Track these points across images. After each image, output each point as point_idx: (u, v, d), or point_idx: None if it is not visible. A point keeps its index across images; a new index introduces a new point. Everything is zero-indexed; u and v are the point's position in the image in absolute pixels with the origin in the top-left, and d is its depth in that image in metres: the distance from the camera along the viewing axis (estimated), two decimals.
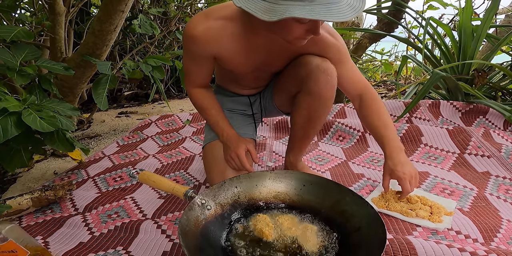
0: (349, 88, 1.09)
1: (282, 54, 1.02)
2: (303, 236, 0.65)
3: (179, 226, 0.60)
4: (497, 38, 2.25)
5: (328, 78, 0.98)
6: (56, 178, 1.45)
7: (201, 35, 0.93)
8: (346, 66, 1.06)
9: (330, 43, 1.00)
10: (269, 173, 0.81)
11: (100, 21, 1.66)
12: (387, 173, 1.01)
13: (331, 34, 1.01)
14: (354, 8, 0.73)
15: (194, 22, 0.94)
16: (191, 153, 1.64)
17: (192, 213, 0.66)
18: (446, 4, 2.86)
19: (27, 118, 1.08)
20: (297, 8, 0.70)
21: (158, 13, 2.92)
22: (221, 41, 0.94)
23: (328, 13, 0.70)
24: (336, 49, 1.01)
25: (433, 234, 0.92)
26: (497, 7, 2.10)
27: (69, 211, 1.14)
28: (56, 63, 1.44)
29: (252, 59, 1.00)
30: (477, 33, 2.07)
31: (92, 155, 1.71)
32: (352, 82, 1.08)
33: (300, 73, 1.01)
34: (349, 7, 0.73)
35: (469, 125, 1.79)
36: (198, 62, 1.02)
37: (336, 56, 1.02)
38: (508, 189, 1.18)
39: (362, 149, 1.61)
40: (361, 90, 1.08)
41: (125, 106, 3.23)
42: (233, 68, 1.04)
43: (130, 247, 0.92)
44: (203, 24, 0.92)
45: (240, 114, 1.25)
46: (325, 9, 0.71)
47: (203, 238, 0.63)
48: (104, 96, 1.70)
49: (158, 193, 1.24)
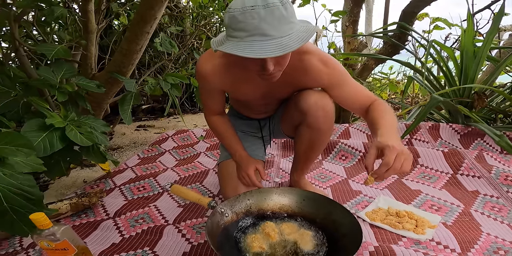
0: (353, 107, 1.13)
1: (281, 83, 1.05)
2: (301, 239, 0.80)
3: (206, 228, 0.77)
4: (497, 60, 2.36)
5: (326, 113, 1.11)
6: (86, 186, 1.63)
7: (208, 72, 1.06)
8: (344, 88, 1.10)
9: (320, 71, 1.05)
10: (275, 189, 0.97)
11: (128, 41, 1.80)
12: (374, 145, 0.85)
13: (323, 62, 1.05)
14: (285, 47, 0.75)
15: (202, 61, 1.08)
16: (205, 168, 1.81)
17: (214, 219, 0.82)
18: (451, 24, 2.91)
19: (69, 133, 1.26)
20: (230, 43, 0.78)
21: (177, 31, 3.13)
22: (226, 75, 1.06)
23: (249, 50, 0.75)
24: (327, 76, 1.06)
25: (416, 244, 1.05)
26: (497, 30, 2.16)
27: (101, 216, 1.32)
28: (90, 81, 1.62)
29: (256, 88, 1.12)
30: (477, 56, 2.12)
31: (116, 167, 1.89)
32: (354, 102, 1.11)
33: (300, 107, 1.12)
34: (278, 45, 0.75)
35: (467, 147, 1.91)
36: (211, 94, 1.18)
37: (329, 81, 1.08)
38: (494, 206, 1.31)
39: (363, 168, 1.75)
40: (367, 104, 1.09)
41: (143, 119, 3.44)
42: (241, 97, 1.19)
43: (155, 248, 1.08)
44: (209, 62, 1.06)
45: (251, 135, 1.41)
46: (249, 45, 0.75)
47: (222, 238, 0.79)
48: (129, 112, 1.89)
49: (177, 202, 1.40)
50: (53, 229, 0.89)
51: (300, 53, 1.02)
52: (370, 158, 0.84)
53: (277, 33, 0.76)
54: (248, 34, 0.76)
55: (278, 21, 0.76)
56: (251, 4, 0.74)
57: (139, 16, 1.74)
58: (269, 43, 0.75)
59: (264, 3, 0.74)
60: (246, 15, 0.74)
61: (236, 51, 0.75)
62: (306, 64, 1.04)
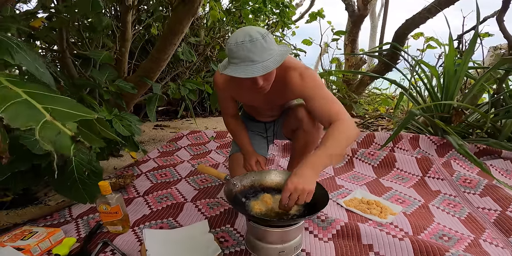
0: (320, 120, 1.27)
1: (274, 93, 1.31)
2: None
3: (225, 193, 1.11)
4: (474, 78, 2.66)
5: (316, 122, 1.45)
6: (116, 171, 1.96)
7: (219, 83, 1.41)
8: (314, 101, 1.25)
9: (296, 83, 1.27)
10: (273, 171, 1.32)
11: (158, 50, 2.10)
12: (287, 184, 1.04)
13: (301, 76, 1.26)
14: (265, 68, 1.06)
15: (217, 74, 1.42)
16: (216, 162, 2.14)
17: (229, 187, 1.18)
18: (442, 44, 3.18)
19: (115, 124, 1.60)
20: (229, 68, 1.11)
21: (196, 42, 3.48)
22: (234, 87, 1.39)
23: (242, 72, 1.07)
24: (302, 88, 1.26)
25: (378, 225, 1.36)
26: (473, 51, 2.45)
27: (133, 194, 1.65)
28: (126, 83, 1.95)
29: (258, 97, 1.39)
30: (456, 75, 2.42)
31: (141, 158, 2.23)
32: (321, 115, 1.23)
33: (296, 115, 1.46)
34: (261, 67, 1.06)
35: (442, 156, 2.21)
36: (225, 100, 1.52)
37: (303, 93, 1.28)
38: (450, 203, 1.61)
39: (349, 169, 2.07)
40: (330, 121, 1.19)
41: (159, 119, 3.79)
42: (248, 103, 1.53)
43: (177, 218, 1.41)
44: (222, 76, 1.39)
45: (258, 135, 1.74)
46: (242, 69, 1.07)
47: (234, 200, 1.15)
48: (154, 111, 2.23)
49: (193, 187, 1.73)
50: (111, 196, 1.22)
51: (285, 68, 1.27)
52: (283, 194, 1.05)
53: (260, 58, 1.07)
54: (240, 61, 1.08)
55: (260, 50, 1.07)
56: (241, 40, 1.06)
57: (168, 29, 2.04)
58: (255, 67, 1.07)
59: (249, 38, 1.06)
60: (238, 48, 1.07)
61: (234, 73, 1.08)
62: (287, 78, 1.31)
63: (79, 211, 1.48)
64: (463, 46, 3.09)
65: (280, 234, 1.05)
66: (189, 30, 3.67)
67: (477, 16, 2.37)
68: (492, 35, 3.06)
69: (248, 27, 1.11)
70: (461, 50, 2.97)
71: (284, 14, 3.42)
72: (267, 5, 3.27)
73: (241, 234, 1.28)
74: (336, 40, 3.25)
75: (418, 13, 2.84)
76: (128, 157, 2.27)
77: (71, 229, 1.33)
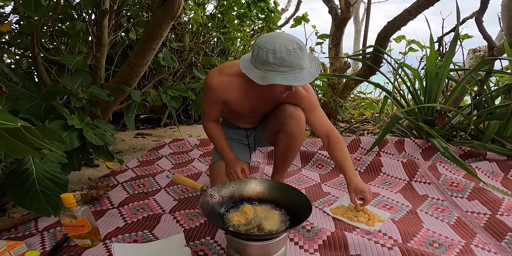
0: (318, 129, 1.45)
1: (269, 101, 1.41)
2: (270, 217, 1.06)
3: (200, 204, 1.02)
4: (455, 81, 2.66)
5: (298, 122, 1.40)
6: (91, 182, 1.86)
7: (215, 85, 1.34)
8: (315, 112, 1.43)
9: (302, 95, 1.38)
10: (253, 180, 1.23)
11: (136, 55, 2.00)
12: (352, 191, 1.33)
13: (305, 89, 1.39)
14: (312, 74, 1.13)
15: (212, 75, 1.36)
16: (198, 171, 2.05)
17: (205, 198, 1.08)
18: (423, 47, 3.18)
19: (86, 133, 1.50)
20: (277, 77, 1.10)
21: (178, 47, 3.40)
22: (229, 91, 1.35)
23: (296, 80, 1.10)
24: (307, 100, 1.39)
25: (366, 234, 1.30)
26: (453, 53, 2.44)
27: (107, 205, 1.55)
28: (102, 90, 1.83)
29: (249, 103, 1.41)
30: (438, 78, 2.41)
31: (118, 167, 2.12)
32: (320, 125, 1.44)
33: (279, 118, 1.43)
34: (309, 74, 1.12)
35: (427, 159, 2.19)
36: (212, 103, 1.44)
37: (307, 105, 1.40)
38: (438, 207, 1.57)
39: (335, 175, 2.02)
40: (327, 132, 1.43)
41: (141, 128, 3.67)
42: (235, 109, 1.46)
43: (154, 230, 1.32)
44: (218, 78, 1.34)
45: (239, 142, 1.67)
46: (294, 77, 1.10)
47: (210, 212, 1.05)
48: (132, 119, 2.13)
49: (172, 197, 1.64)
50: (76, 208, 1.13)
51: None
52: (353, 199, 1.36)
53: (306, 65, 1.13)
54: (291, 69, 1.10)
55: (305, 57, 1.12)
56: (292, 47, 1.08)
57: (147, 34, 1.96)
58: (304, 73, 1.11)
59: (298, 46, 1.09)
60: (291, 56, 1.08)
61: (289, 82, 1.10)
62: None
63: (45, 223, 1.39)
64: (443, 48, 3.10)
65: (261, 247, 0.98)
66: (174, 36, 3.61)
67: (457, 17, 2.37)
68: (472, 37, 3.08)
69: (281, 33, 1.15)
70: (442, 52, 2.98)
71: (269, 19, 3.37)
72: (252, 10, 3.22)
73: (222, 247, 1.19)
74: (321, 44, 3.24)
75: (399, 15, 2.84)
76: (104, 167, 2.17)
77: (35, 242, 1.23)
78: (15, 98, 1.48)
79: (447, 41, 3.00)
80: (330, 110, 3.34)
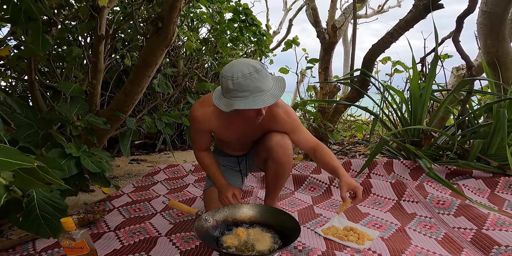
0: (304, 147, 1.49)
1: (253, 128, 1.44)
2: (262, 239, 1.12)
3: (194, 228, 1.08)
4: (438, 101, 2.74)
5: (285, 150, 1.45)
6: (87, 207, 1.88)
7: (199, 117, 1.39)
8: (299, 133, 1.47)
9: (283, 120, 1.43)
10: (246, 204, 1.30)
11: (131, 82, 2.05)
12: (344, 185, 1.27)
13: (286, 113, 1.43)
14: (274, 96, 1.14)
15: (195, 107, 1.41)
16: (193, 195, 2.09)
17: (200, 223, 1.14)
18: (408, 68, 3.24)
19: (84, 161, 1.55)
20: (239, 102, 1.13)
21: (173, 73, 3.46)
22: (212, 120, 1.39)
23: (255, 103, 1.12)
24: (289, 124, 1.44)
25: (356, 252, 1.34)
26: (435, 74, 2.54)
27: (104, 229, 1.58)
28: (98, 118, 1.86)
29: (235, 131, 1.45)
30: (421, 98, 2.49)
31: (114, 192, 2.15)
32: (306, 142, 1.48)
33: (267, 145, 1.47)
34: (271, 96, 1.13)
35: (415, 179, 2.25)
36: (200, 134, 1.50)
37: (290, 128, 1.45)
38: (426, 224, 1.62)
39: (327, 197, 2.07)
40: (314, 146, 1.46)
41: (135, 153, 3.71)
42: (223, 137, 1.52)
43: (150, 252, 1.35)
44: (200, 109, 1.39)
45: (230, 169, 1.72)
46: (253, 101, 1.12)
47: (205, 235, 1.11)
48: (128, 146, 2.18)
49: (168, 221, 1.68)
50: (75, 231, 1.17)
51: (272, 106, 1.34)
52: (343, 194, 1.27)
53: (267, 87, 1.14)
54: (250, 93, 1.12)
55: (265, 79, 1.13)
56: (248, 71, 1.10)
57: (142, 60, 2.01)
58: (266, 96, 1.12)
59: (254, 69, 1.11)
60: (247, 81, 1.10)
61: (249, 106, 1.11)
62: (275, 115, 1.41)
63: (43, 245, 1.42)
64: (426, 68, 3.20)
65: None
66: (168, 61, 3.69)
67: (435, 38, 2.48)
68: (452, 56, 3.20)
69: (241, 59, 1.17)
70: (425, 73, 3.08)
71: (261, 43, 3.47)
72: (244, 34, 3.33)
73: None
74: (310, 68, 3.36)
75: (382, 38, 2.96)
76: (100, 192, 2.20)
77: None
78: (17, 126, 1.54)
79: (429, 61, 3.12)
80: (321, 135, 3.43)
